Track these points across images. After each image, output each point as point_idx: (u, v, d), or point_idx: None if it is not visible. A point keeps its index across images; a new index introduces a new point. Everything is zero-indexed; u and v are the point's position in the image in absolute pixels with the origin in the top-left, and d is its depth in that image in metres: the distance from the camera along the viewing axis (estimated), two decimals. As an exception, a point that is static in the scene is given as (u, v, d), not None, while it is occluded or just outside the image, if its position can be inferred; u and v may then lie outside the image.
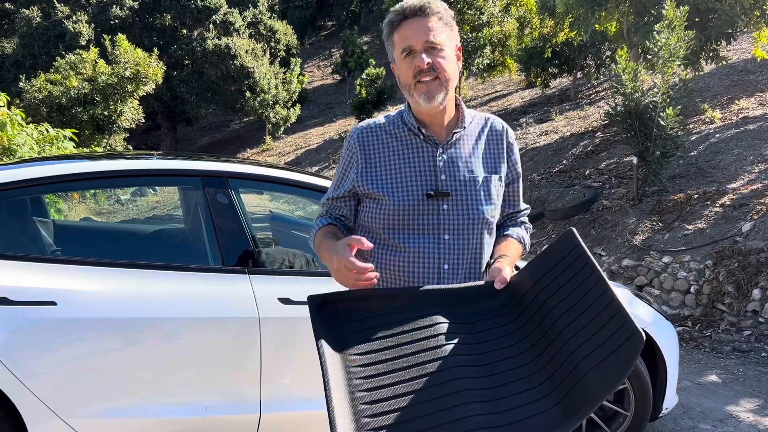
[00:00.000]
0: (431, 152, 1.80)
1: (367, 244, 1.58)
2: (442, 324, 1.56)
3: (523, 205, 1.99)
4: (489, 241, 1.84)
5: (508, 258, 1.79)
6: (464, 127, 1.83)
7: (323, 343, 1.46)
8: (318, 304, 1.56)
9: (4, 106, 6.49)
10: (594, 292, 1.46)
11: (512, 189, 1.93)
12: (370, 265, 1.57)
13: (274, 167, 3.22)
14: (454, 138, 1.81)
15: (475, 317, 1.60)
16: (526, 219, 2.01)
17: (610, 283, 1.49)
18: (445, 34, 1.73)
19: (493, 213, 1.83)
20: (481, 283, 1.70)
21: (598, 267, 1.50)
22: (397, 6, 1.74)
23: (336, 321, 1.55)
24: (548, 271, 1.58)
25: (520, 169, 1.94)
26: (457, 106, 1.86)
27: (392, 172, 1.79)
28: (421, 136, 1.80)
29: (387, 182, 1.78)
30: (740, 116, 9.21)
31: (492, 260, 1.82)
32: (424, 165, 1.79)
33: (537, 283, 1.58)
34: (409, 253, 1.77)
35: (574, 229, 1.62)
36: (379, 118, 1.89)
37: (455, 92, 1.87)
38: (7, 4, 23.97)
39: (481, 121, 1.90)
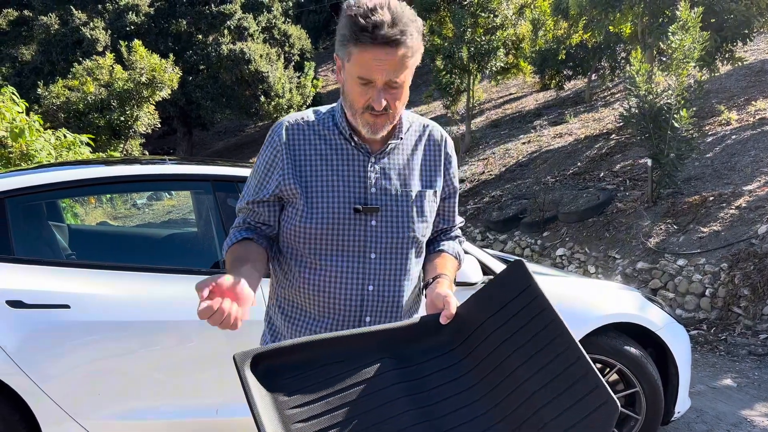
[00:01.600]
0: (362, 161, 1.61)
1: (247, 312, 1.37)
2: (388, 373, 1.40)
3: (458, 219, 1.83)
4: (417, 261, 1.69)
5: (447, 278, 1.62)
6: (401, 138, 1.65)
7: (256, 403, 1.26)
8: (250, 363, 1.33)
9: (23, 113, 6.60)
10: (558, 343, 1.33)
11: (448, 204, 1.77)
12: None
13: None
14: (388, 147, 1.63)
15: (422, 357, 1.44)
16: (459, 232, 1.85)
17: (621, 287, 1.43)
18: (409, 67, 1.51)
19: (425, 232, 1.67)
20: (420, 318, 1.52)
21: (559, 314, 1.37)
22: (367, 18, 1.43)
23: (270, 379, 1.35)
24: (500, 309, 1.43)
25: (457, 184, 1.78)
26: None
27: (317, 179, 1.58)
28: (353, 143, 1.61)
29: (311, 191, 1.58)
30: (757, 117, 9.11)
31: (430, 279, 1.64)
32: (354, 175, 1.60)
33: (488, 322, 1.43)
34: (330, 273, 1.58)
35: (523, 261, 1.47)
36: (308, 113, 1.67)
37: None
38: (25, 12, 24.33)
39: (419, 129, 1.71)
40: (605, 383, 1.26)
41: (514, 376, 1.36)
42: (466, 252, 2.11)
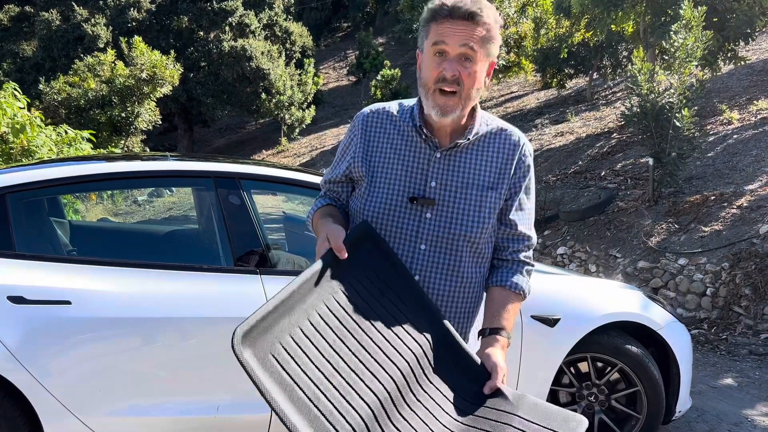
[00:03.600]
0: (427, 154, 1.66)
1: (343, 255, 1.49)
2: (410, 344, 1.44)
3: (526, 231, 1.72)
4: (474, 262, 1.68)
5: (503, 337, 1.60)
6: (468, 139, 1.66)
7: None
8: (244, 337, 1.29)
9: (24, 108, 6.59)
10: None
11: (510, 206, 1.70)
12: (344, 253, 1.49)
13: (286, 168, 3.25)
14: (456, 145, 1.66)
15: (445, 371, 1.46)
16: (529, 255, 1.75)
17: (622, 285, 1.42)
18: (485, 48, 1.57)
19: (482, 232, 1.65)
20: (473, 357, 1.51)
21: None
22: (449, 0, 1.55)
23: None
24: (537, 422, 1.37)
25: (525, 186, 1.71)
26: (473, 112, 1.68)
27: (382, 165, 1.67)
28: (422, 135, 1.66)
29: (375, 175, 1.67)
30: (759, 117, 9.09)
31: (486, 329, 1.63)
32: (416, 166, 1.65)
33: (517, 420, 1.38)
34: None
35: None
36: (392, 103, 1.76)
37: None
38: (27, 8, 24.31)
39: (495, 131, 1.71)
40: None
41: None
42: None
